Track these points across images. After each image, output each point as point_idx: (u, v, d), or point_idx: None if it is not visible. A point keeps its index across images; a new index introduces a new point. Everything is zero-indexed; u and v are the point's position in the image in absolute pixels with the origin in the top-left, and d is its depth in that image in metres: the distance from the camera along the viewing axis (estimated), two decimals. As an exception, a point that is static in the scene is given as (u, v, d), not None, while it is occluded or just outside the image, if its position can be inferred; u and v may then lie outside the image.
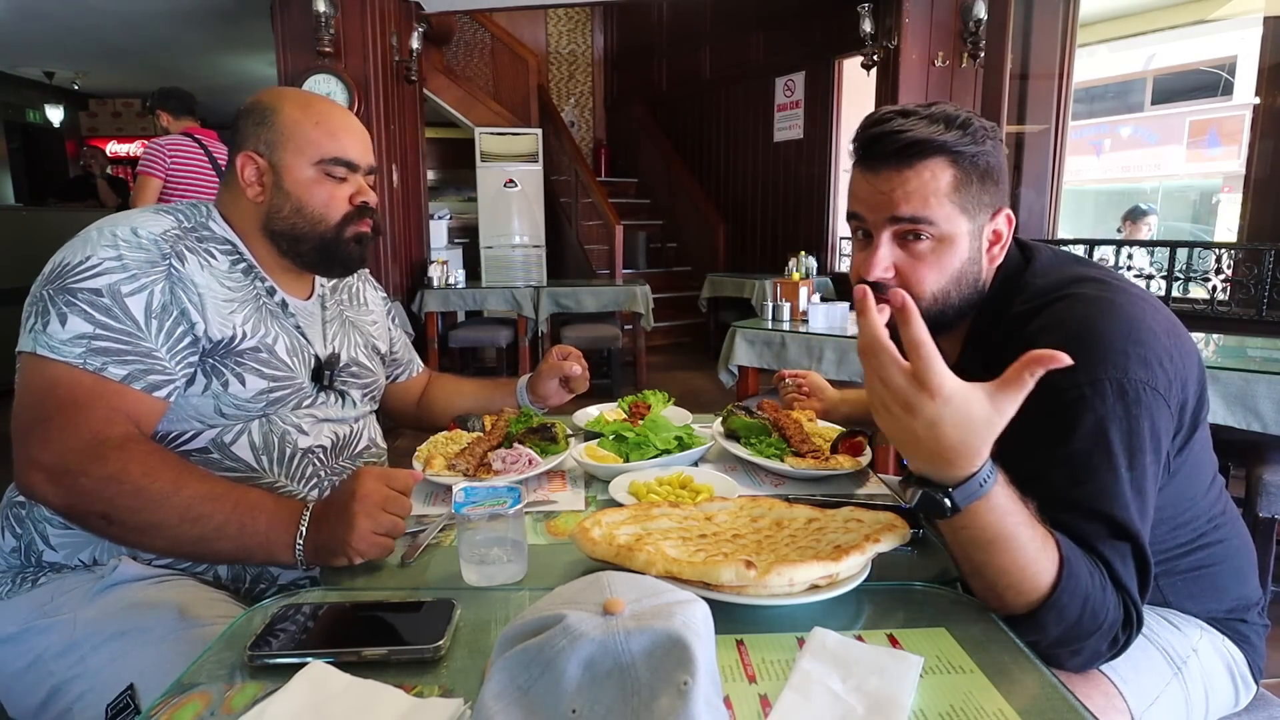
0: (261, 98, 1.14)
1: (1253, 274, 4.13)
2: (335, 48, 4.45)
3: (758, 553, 0.80)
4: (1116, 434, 0.79)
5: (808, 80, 6.53)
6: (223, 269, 1.08)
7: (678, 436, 1.26)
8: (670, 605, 0.51)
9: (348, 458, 1.22)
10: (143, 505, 0.89)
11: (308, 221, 1.11)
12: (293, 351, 1.13)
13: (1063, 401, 0.81)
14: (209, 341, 1.03)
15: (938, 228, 0.89)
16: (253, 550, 0.92)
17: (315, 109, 1.13)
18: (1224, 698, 0.96)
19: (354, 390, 1.24)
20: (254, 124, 1.11)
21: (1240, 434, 2.09)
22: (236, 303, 1.07)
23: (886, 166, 0.89)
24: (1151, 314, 0.86)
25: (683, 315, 7.28)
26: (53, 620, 0.94)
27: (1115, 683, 0.87)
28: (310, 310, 1.21)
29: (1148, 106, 9.80)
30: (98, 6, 5.39)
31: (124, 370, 0.95)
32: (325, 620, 0.74)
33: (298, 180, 1.10)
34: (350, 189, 1.14)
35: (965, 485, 0.70)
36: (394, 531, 0.89)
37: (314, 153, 1.10)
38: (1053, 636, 0.75)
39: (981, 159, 0.89)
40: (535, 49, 7.97)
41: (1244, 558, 0.99)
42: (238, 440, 1.07)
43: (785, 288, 3.37)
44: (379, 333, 1.39)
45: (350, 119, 1.17)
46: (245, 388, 1.05)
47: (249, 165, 1.10)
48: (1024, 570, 0.72)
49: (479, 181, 5.87)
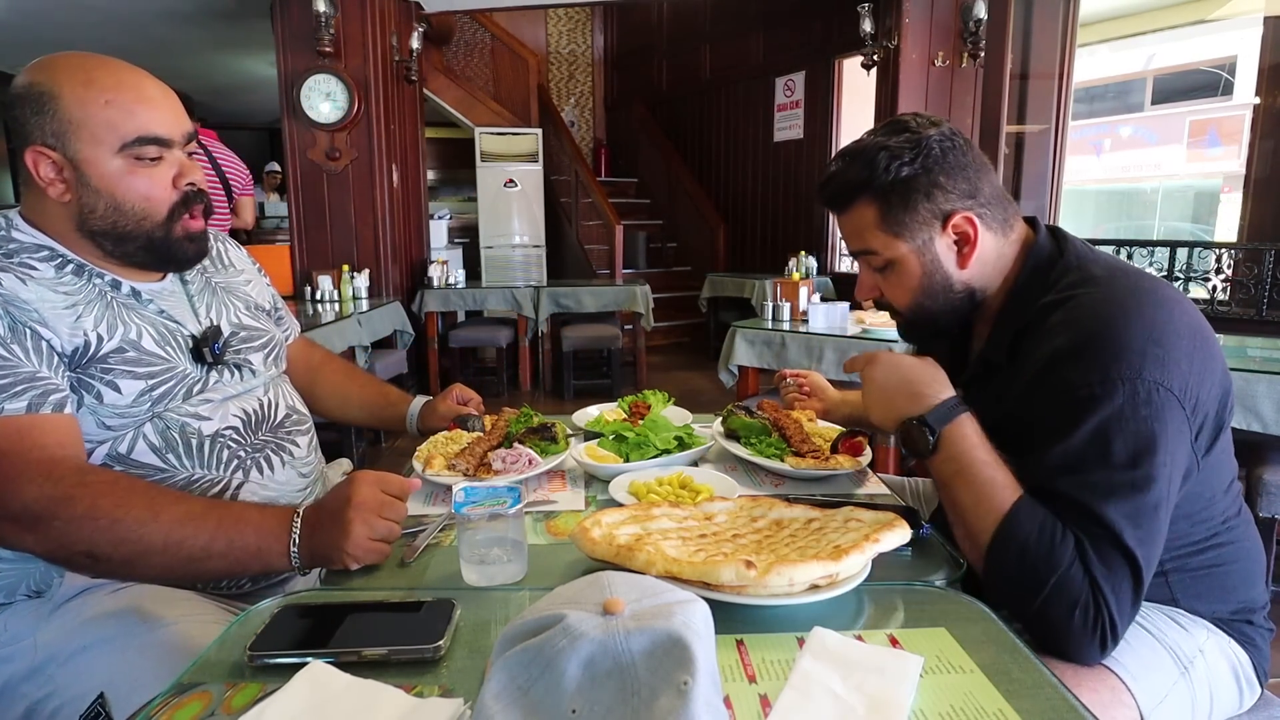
0: (34, 77, 0.95)
1: (1253, 274, 4.13)
2: (335, 48, 4.45)
3: (758, 553, 0.80)
4: (1119, 433, 0.80)
5: (808, 80, 6.53)
6: (49, 277, 0.96)
7: (678, 436, 1.26)
8: (670, 605, 0.51)
9: (268, 431, 1.13)
10: (123, 537, 0.85)
11: (129, 219, 0.98)
12: (163, 341, 1.02)
13: (1073, 398, 0.82)
14: (66, 356, 0.93)
15: (880, 256, 0.99)
16: (247, 563, 0.89)
17: (100, 84, 0.95)
18: (1229, 699, 0.96)
19: (252, 356, 1.15)
20: (33, 113, 0.94)
21: (1240, 434, 2.08)
22: (80, 305, 0.96)
23: (832, 212, 1.03)
24: (1179, 314, 0.86)
25: (683, 315, 7.28)
26: (13, 648, 0.92)
27: (1123, 678, 0.87)
28: (169, 290, 1.09)
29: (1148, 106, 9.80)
30: (98, 6, 5.38)
31: (22, 403, 0.88)
32: (325, 620, 0.74)
33: (104, 174, 0.96)
34: (170, 170, 0.99)
35: (938, 408, 0.88)
36: (390, 537, 0.88)
37: (114, 138, 0.95)
38: (1000, 589, 0.83)
39: (900, 185, 0.95)
40: (535, 49, 7.96)
41: (1253, 560, 0.99)
42: (135, 447, 0.98)
43: (785, 288, 3.37)
44: (256, 290, 1.27)
45: (146, 83, 0.99)
46: (122, 394, 0.96)
47: (42, 161, 0.95)
48: (980, 505, 0.84)
49: (479, 181, 5.87)
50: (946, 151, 0.94)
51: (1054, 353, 0.86)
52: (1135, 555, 0.78)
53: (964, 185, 0.95)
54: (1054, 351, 0.86)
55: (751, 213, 7.27)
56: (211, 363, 1.07)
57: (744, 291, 5.89)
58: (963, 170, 0.95)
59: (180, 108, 1.03)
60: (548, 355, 5.37)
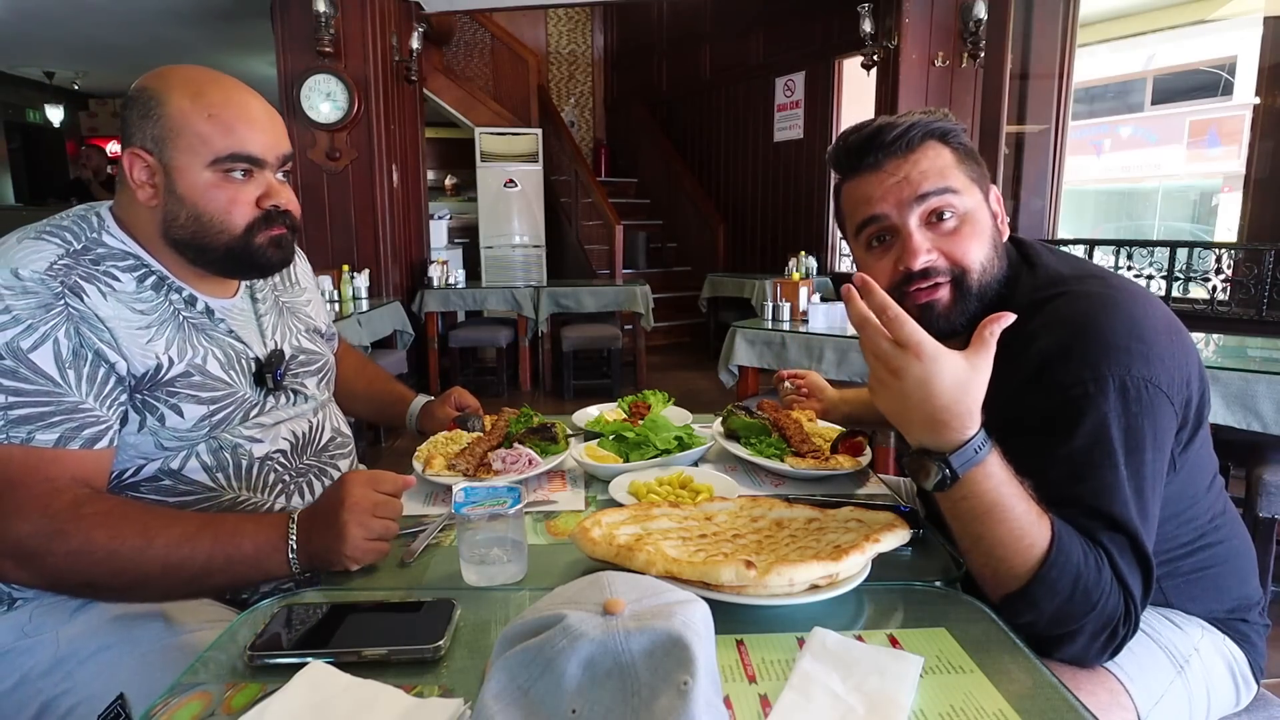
0: (148, 84, 0.98)
1: (1253, 274, 4.13)
2: (335, 48, 4.45)
3: (758, 553, 0.80)
4: (1117, 431, 0.79)
5: (808, 80, 6.53)
6: (129, 290, 0.96)
7: (678, 436, 1.26)
8: (670, 605, 0.51)
9: (312, 455, 1.14)
10: (120, 568, 0.85)
11: (209, 231, 0.98)
12: (228, 365, 1.03)
13: (1067, 398, 0.81)
14: (134, 378, 0.94)
15: (961, 197, 0.90)
16: (247, 575, 0.89)
17: (208, 97, 0.97)
18: (1225, 697, 0.96)
19: (307, 380, 1.16)
20: (139, 115, 0.96)
21: (1240, 434, 2.09)
22: (154, 327, 0.97)
23: (890, 158, 0.91)
24: (1152, 312, 0.86)
25: (683, 315, 7.28)
26: (35, 640, 0.92)
27: (1121, 680, 0.87)
28: (240, 308, 1.10)
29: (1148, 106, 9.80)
30: (98, 6, 5.38)
31: (54, 434, 0.87)
32: (325, 620, 0.74)
33: (192, 185, 0.97)
34: (256, 189, 1.00)
35: (962, 451, 0.74)
36: (386, 535, 0.88)
37: (208, 151, 0.96)
38: (1046, 615, 0.76)
39: (964, 139, 0.94)
40: (535, 49, 7.96)
41: (1244, 558, 0.99)
42: (187, 464, 0.99)
43: (785, 288, 3.37)
44: (315, 310, 1.29)
45: (253, 104, 1.01)
46: (184, 418, 0.97)
47: (136, 163, 0.97)
48: (1019, 541, 0.75)
49: (479, 181, 5.88)
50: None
51: (1041, 355, 0.85)
52: (1148, 555, 0.78)
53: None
54: (1040, 353, 0.85)
55: (751, 213, 7.27)
56: (272, 387, 1.08)
57: (744, 291, 5.89)
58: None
59: (282, 131, 1.04)
60: (548, 355, 5.38)
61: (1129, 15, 8.34)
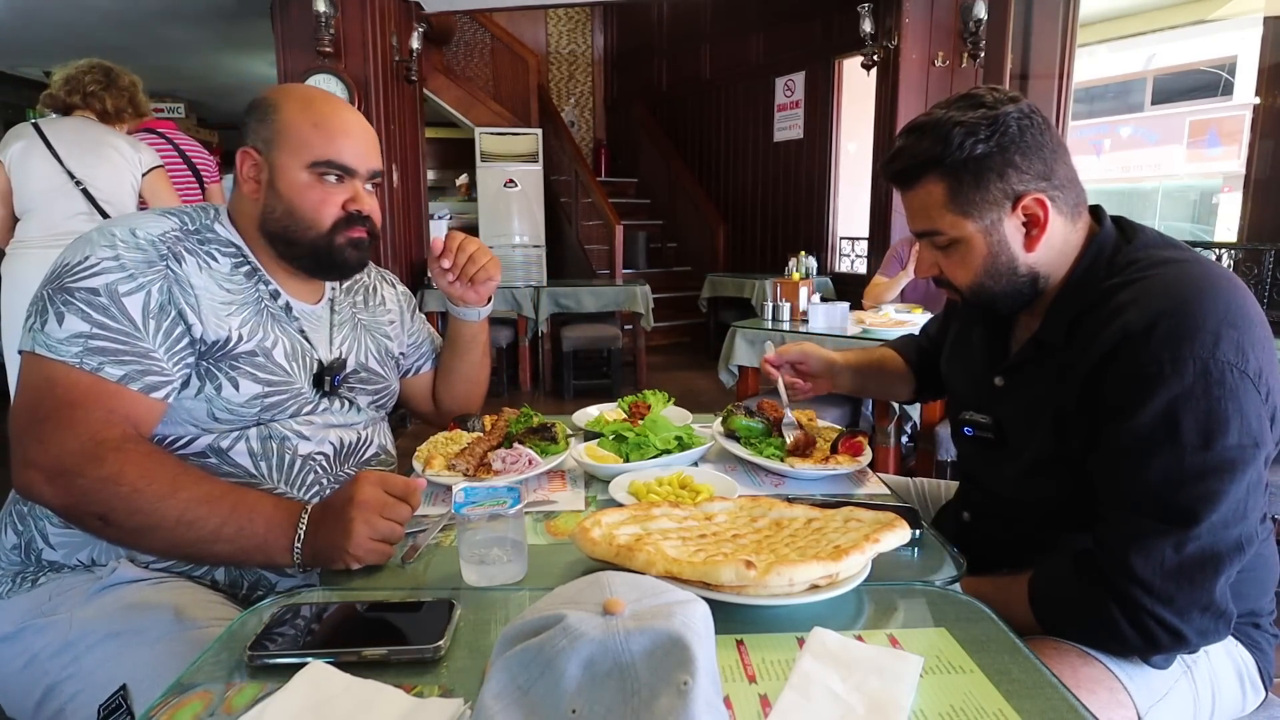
0: (268, 94, 1.12)
1: (1253, 274, 4.13)
2: (335, 48, 4.45)
3: (758, 553, 0.80)
4: (1189, 415, 0.78)
5: (808, 80, 6.54)
6: (223, 271, 1.07)
7: (678, 436, 1.26)
8: (670, 605, 0.51)
9: (354, 464, 1.19)
10: (139, 507, 0.88)
11: (299, 225, 1.09)
12: (292, 356, 1.11)
13: (1141, 376, 0.80)
14: (204, 344, 1.02)
15: (946, 235, 0.96)
16: (250, 552, 0.91)
17: (316, 109, 1.10)
18: (1232, 700, 0.96)
19: (361, 397, 1.22)
20: (256, 120, 1.10)
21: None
22: (235, 305, 1.06)
23: (897, 188, 1.00)
24: (1251, 303, 0.84)
25: (683, 315, 7.28)
26: (49, 620, 0.94)
27: (1121, 679, 0.87)
28: (318, 314, 1.19)
29: (1148, 106, 9.81)
30: (98, 6, 5.38)
31: (121, 370, 0.95)
32: (325, 620, 0.74)
33: (291, 182, 1.08)
34: (344, 195, 1.11)
35: None
36: (392, 537, 0.88)
37: (308, 155, 1.08)
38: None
39: (974, 163, 0.90)
40: (535, 49, 7.96)
41: (1269, 569, 0.98)
42: (235, 445, 1.05)
43: (785, 288, 3.37)
44: (394, 333, 1.35)
45: (354, 121, 1.13)
46: (239, 392, 1.03)
47: (246, 160, 1.10)
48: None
49: (479, 181, 5.88)
50: (1024, 130, 0.89)
51: (1124, 330, 0.83)
52: (1198, 538, 0.79)
53: (1039, 166, 0.91)
54: (1124, 328, 0.83)
55: (751, 213, 7.27)
56: (328, 391, 1.15)
57: (744, 291, 5.89)
58: (1039, 150, 0.90)
59: (375, 148, 1.15)
60: (548, 355, 5.37)
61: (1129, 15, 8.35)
